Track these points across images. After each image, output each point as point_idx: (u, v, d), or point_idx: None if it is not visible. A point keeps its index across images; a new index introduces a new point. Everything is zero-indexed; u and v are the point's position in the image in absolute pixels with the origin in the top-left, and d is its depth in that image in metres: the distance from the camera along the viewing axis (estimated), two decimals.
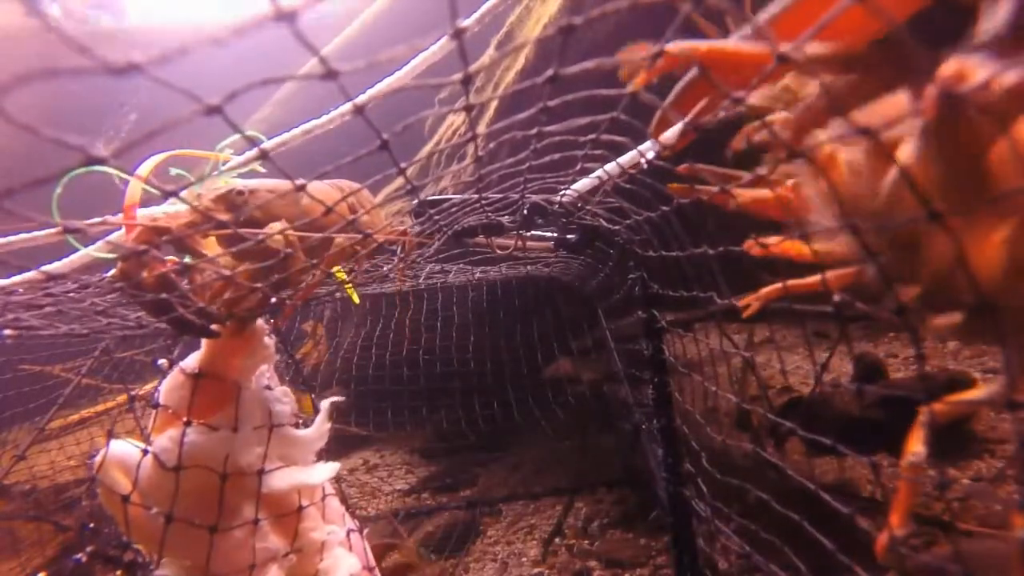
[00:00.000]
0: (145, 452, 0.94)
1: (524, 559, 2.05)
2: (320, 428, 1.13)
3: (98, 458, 0.96)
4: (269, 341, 1.07)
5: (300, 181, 0.58)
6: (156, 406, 1.00)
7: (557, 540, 2.11)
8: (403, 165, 0.60)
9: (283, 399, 1.08)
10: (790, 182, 0.67)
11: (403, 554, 1.61)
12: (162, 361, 1.07)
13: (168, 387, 1.01)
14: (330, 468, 1.09)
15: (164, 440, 0.95)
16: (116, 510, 0.93)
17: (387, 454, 3.31)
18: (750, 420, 1.99)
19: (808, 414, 1.86)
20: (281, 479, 1.02)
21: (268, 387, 1.07)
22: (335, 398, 1.17)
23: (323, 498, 1.13)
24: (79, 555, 1.70)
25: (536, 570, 1.97)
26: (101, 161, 0.34)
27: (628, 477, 2.32)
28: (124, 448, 0.97)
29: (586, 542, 2.06)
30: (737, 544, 1.05)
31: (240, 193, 0.93)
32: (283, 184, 0.96)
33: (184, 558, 0.94)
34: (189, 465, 0.93)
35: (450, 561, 2.11)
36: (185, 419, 0.96)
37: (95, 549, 1.69)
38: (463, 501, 2.56)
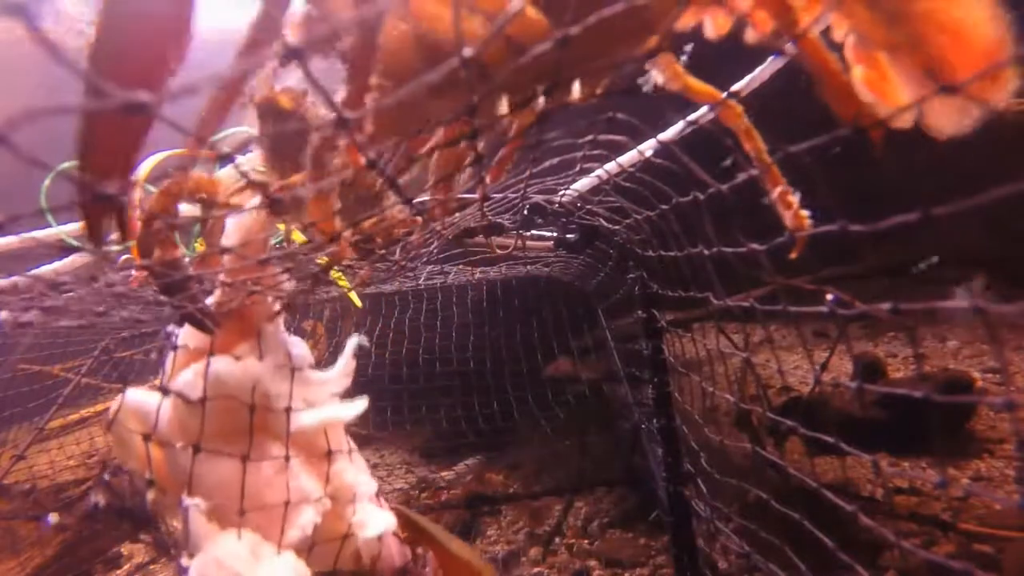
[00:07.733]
0: (165, 392, 0.90)
1: (524, 559, 2.05)
2: (344, 368, 1.10)
3: (113, 407, 0.92)
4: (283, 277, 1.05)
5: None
6: (175, 348, 0.96)
7: (557, 540, 2.11)
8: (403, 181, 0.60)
9: (299, 344, 1.06)
10: None
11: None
12: (171, 327, 1.05)
13: (189, 328, 0.96)
14: (359, 404, 1.06)
15: (188, 374, 0.91)
16: (135, 459, 0.89)
17: (387, 454, 3.31)
18: (749, 420, 1.99)
19: (807, 414, 1.86)
20: (309, 416, 1.00)
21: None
22: (357, 340, 1.14)
23: (350, 452, 1.10)
24: (96, 500, 1.65)
25: (536, 570, 1.97)
26: (109, 198, 0.35)
27: (628, 477, 2.31)
28: (141, 396, 0.94)
29: (586, 542, 2.06)
30: (737, 544, 1.05)
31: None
32: None
33: (213, 497, 0.89)
34: (215, 396, 0.89)
35: None
36: (209, 352, 0.92)
37: (110, 502, 1.64)
38: (463, 501, 2.56)
